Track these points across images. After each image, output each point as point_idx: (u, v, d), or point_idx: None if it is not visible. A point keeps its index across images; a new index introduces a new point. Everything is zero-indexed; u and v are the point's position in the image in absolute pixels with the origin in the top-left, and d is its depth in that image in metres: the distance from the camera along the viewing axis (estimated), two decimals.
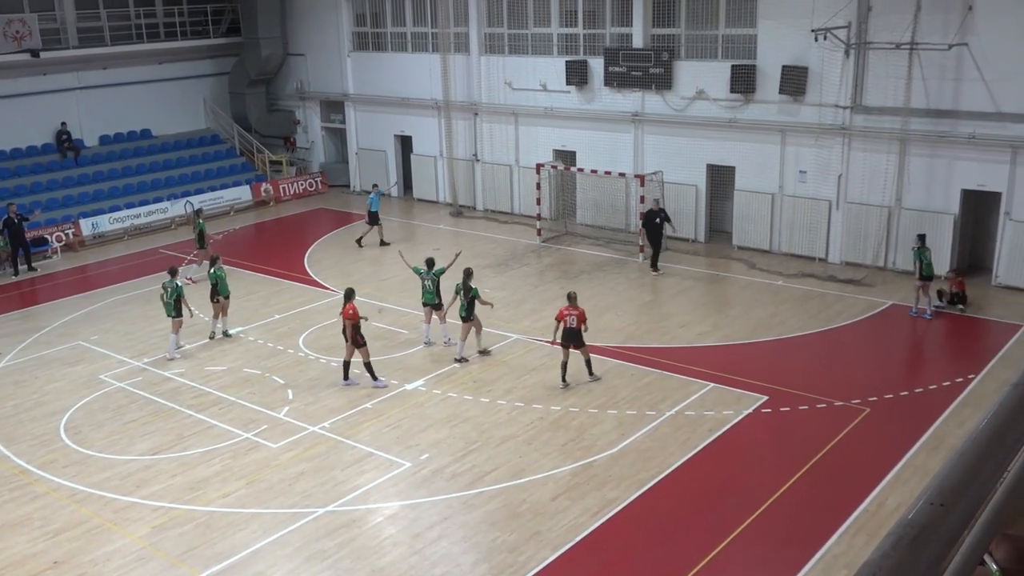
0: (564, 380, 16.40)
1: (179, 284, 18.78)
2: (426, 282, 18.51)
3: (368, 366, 16.82)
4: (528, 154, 28.33)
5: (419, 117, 31.10)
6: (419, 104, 30.76)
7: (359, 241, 26.45)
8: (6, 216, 24.83)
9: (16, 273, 25.06)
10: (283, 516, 12.78)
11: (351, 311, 16.61)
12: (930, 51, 20.79)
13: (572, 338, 16.26)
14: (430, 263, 18.71)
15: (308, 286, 23.08)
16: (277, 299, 22.09)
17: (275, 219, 30.62)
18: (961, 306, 19.63)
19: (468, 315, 17.65)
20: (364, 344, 16.74)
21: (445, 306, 18.44)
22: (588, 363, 16.57)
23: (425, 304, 18.68)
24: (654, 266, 23.22)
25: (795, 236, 23.78)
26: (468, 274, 17.92)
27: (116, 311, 21.81)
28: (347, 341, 16.73)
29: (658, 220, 23.14)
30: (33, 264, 25.56)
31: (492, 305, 18.59)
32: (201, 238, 23.87)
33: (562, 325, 16.27)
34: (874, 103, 22.03)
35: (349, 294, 17.02)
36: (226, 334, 19.58)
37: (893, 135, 21.73)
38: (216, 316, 19.52)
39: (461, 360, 17.78)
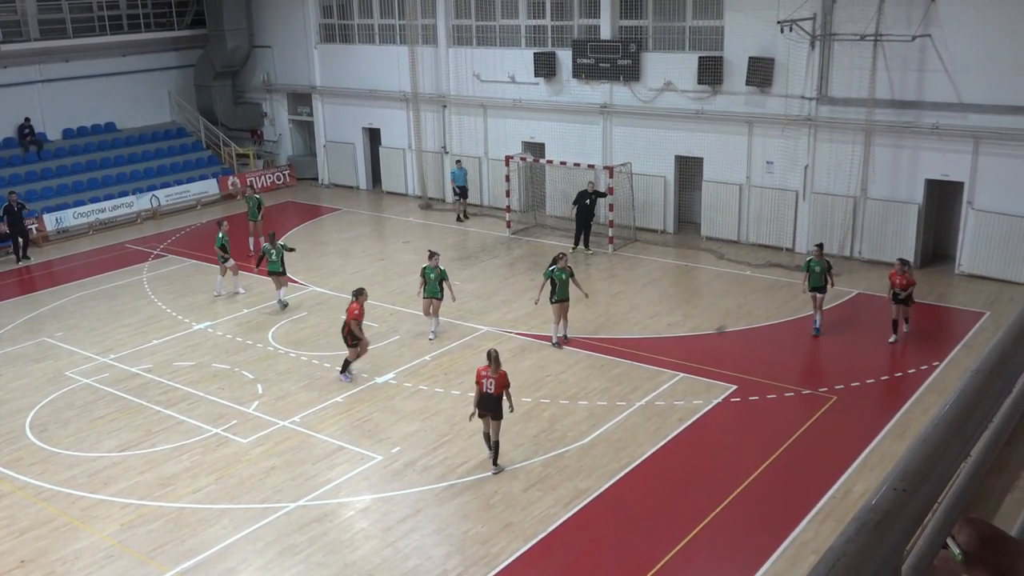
0: (490, 450, 13.48)
1: (223, 234, 21.32)
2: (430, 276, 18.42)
3: (348, 362, 16.82)
4: (497, 146, 28.30)
5: (387, 109, 30.95)
6: (387, 96, 30.61)
7: (460, 216, 27.80)
8: (6, 204, 25.11)
9: (18, 260, 25.34)
10: (254, 511, 12.72)
11: (356, 310, 16.46)
12: (894, 42, 21.01)
13: (490, 406, 13.15)
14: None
15: None
16: (246, 294, 21.91)
17: (243, 213, 30.29)
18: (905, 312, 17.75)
19: (561, 297, 17.77)
20: (356, 345, 16.62)
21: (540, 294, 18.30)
22: (496, 446, 13.34)
23: (427, 297, 18.51)
24: (586, 245, 23.96)
25: (763, 226, 23.97)
26: (555, 260, 18.03)
27: (81, 307, 21.55)
28: (353, 339, 16.55)
29: (588, 201, 23.65)
30: (28, 254, 25.72)
31: (586, 294, 18.47)
32: (257, 210, 25.22)
33: (478, 390, 13.28)
34: (839, 94, 22.23)
35: (357, 293, 16.82)
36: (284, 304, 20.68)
37: (858, 126, 21.94)
38: (279, 288, 20.65)
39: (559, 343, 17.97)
